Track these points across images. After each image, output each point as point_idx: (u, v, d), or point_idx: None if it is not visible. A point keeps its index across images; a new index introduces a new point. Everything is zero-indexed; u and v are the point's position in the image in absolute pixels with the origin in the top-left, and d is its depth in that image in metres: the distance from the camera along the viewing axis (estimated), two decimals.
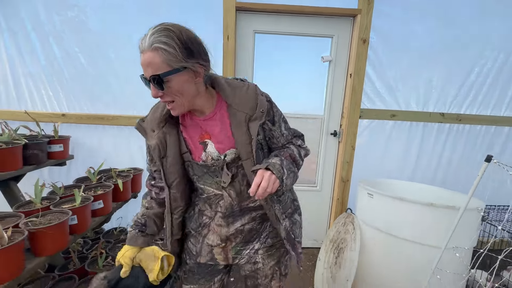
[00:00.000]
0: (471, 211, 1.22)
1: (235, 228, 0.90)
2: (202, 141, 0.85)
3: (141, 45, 0.70)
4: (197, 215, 0.96)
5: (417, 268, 1.28)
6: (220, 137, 0.84)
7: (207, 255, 0.95)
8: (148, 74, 0.69)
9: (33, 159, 1.65)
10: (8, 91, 2.02)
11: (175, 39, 0.68)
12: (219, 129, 0.84)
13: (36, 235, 1.17)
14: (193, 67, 0.72)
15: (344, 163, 2.16)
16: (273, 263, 0.98)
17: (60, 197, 1.53)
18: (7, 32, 1.94)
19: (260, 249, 0.95)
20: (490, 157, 0.95)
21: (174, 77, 0.70)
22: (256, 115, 0.80)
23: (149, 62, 0.68)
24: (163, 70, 0.68)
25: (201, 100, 0.80)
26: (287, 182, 0.80)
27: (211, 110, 0.83)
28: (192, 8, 1.96)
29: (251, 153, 0.80)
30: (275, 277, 1.00)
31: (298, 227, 0.99)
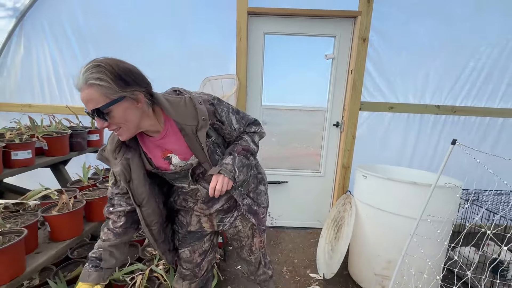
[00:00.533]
0: (443, 188, 1.44)
1: (215, 209, 1.09)
2: (165, 157, 0.95)
3: (77, 84, 0.75)
4: (181, 200, 1.10)
5: (402, 237, 1.50)
6: (180, 150, 0.94)
7: (196, 224, 1.13)
8: (90, 108, 0.75)
9: (77, 146, 1.97)
10: (51, 89, 2.35)
11: (107, 73, 0.73)
12: (175, 144, 0.94)
13: (90, 205, 1.48)
14: (132, 95, 0.78)
15: (345, 151, 2.38)
16: (250, 224, 1.18)
17: (102, 177, 1.83)
18: (50, 37, 2.25)
19: (238, 216, 1.15)
20: (455, 140, 1.16)
21: (114, 107, 0.75)
22: (200, 124, 0.88)
23: (88, 98, 0.74)
24: (102, 103, 0.73)
25: (149, 121, 0.87)
26: (240, 178, 0.96)
27: (161, 128, 0.91)
28: (208, 13, 2.20)
29: (206, 157, 0.93)
30: (256, 234, 1.22)
31: (263, 195, 1.19)
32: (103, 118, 0.77)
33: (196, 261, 1.19)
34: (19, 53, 2.29)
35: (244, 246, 1.26)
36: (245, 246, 1.26)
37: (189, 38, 2.26)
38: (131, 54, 2.27)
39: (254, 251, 1.27)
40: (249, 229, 1.20)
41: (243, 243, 1.25)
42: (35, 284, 1.54)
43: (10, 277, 1.00)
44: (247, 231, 1.21)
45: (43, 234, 1.33)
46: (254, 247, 1.26)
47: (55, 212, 1.27)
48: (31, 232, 1.14)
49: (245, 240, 1.24)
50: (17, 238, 1.02)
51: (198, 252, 1.18)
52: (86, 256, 1.80)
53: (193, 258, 1.19)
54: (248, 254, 1.28)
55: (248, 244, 1.24)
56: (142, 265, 1.65)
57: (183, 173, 0.98)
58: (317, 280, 1.89)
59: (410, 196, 1.51)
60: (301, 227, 2.67)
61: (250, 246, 1.25)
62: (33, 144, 1.60)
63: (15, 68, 2.32)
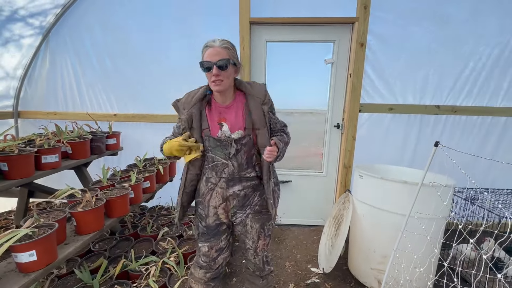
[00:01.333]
0: (435, 187, 1.51)
1: (233, 191, 1.23)
2: (220, 123, 1.18)
3: (212, 43, 1.09)
4: (204, 182, 1.27)
5: (395, 234, 1.59)
6: (234, 121, 1.18)
7: (213, 216, 1.28)
8: (215, 59, 1.06)
9: (97, 150, 2.17)
10: (73, 98, 2.58)
11: (234, 47, 1.14)
12: (234, 116, 1.18)
13: (110, 202, 1.65)
14: (237, 67, 1.15)
15: (346, 151, 2.47)
16: (258, 227, 1.29)
17: (119, 178, 2.02)
18: (72, 51, 2.48)
19: (250, 213, 1.27)
20: (437, 142, 1.24)
21: (230, 66, 1.10)
22: (265, 101, 1.18)
23: (218, 52, 1.07)
24: (226, 59, 1.08)
25: (229, 89, 1.18)
26: (280, 159, 1.20)
27: (230, 100, 1.19)
28: (213, 24, 2.36)
29: (265, 124, 1.17)
30: (261, 237, 1.33)
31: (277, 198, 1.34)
32: (222, 69, 1.07)
33: (213, 256, 1.32)
34: (45, 66, 2.54)
35: (249, 249, 1.36)
36: (250, 249, 1.35)
37: (198, 48, 2.41)
38: (144, 64, 2.48)
39: (258, 253, 1.37)
40: (256, 232, 1.30)
41: (247, 246, 1.35)
42: (63, 272, 1.75)
43: (45, 263, 1.19)
44: (254, 234, 1.30)
45: (70, 228, 1.52)
46: (258, 249, 1.35)
47: (80, 209, 1.45)
48: (61, 225, 1.33)
49: (249, 243, 1.33)
50: (50, 231, 1.20)
51: (215, 249, 1.31)
52: (106, 249, 2.00)
53: (210, 253, 1.32)
54: (253, 257, 1.38)
55: (253, 247, 1.34)
56: (155, 257, 1.83)
57: (224, 143, 1.17)
58: (317, 274, 2.00)
59: (402, 195, 1.60)
60: (304, 225, 2.78)
61: (255, 249, 1.35)
62: (60, 149, 1.80)
63: (42, 80, 2.58)
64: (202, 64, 1.10)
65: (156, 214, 2.55)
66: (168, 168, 2.37)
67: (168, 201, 2.75)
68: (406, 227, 1.42)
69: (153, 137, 2.63)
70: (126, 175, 2.06)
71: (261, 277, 1.52)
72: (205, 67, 1.09)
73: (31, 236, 1.17)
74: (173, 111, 2.55)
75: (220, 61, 1.06)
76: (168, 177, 2.40)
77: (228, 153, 1.18)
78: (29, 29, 2.31)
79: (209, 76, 1.11)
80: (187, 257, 1.89)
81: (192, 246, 2.06)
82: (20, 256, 1.12)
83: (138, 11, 2.38)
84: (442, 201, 1.58)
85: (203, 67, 1.10)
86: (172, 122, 2.55)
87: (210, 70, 1.08)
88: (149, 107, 2.56)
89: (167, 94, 2.52)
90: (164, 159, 2.46)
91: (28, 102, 2.65)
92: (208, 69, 1.09)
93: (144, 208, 2.71)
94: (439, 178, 1.84)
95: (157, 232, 2.20)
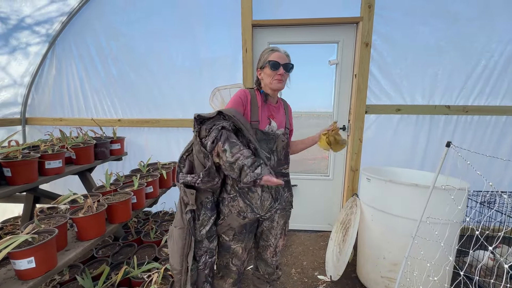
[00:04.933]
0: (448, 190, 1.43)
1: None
2: (269, 118, 1.28)
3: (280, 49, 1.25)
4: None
5: (406, 239, 1.51)
6: (279, 119, 1.31)
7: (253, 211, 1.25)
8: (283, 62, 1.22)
9: (101, 155, 2.17)
10: (79, 104, 2.61)
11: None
12: (280, 114, 1.32)
13: (111, 208, 1.64)
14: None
15: (353, 154, 2.40)
16: (282, 223, 1.34)
17: (122, 183, 2.01)
18: (78, 58, 2.51)
19: (278, 209, 1.31)
20: (449, 143, 1.17)
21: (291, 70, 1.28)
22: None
23: (284, 57, 1.23)
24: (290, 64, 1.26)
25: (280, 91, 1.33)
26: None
27: (276, 100, 1.34)
28: (216, 27, 2.35)
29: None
30: (282, 235, 1.36)
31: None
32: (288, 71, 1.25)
33: (244, 258, 1.31)
34: (51, 73, 2.58)
35: (269, 246, 1.37)
36: (271, 246, 1.37)
37: (200, 51, 2.42)
38: (148, 68, 2.49)
39: (277, 253, 1.40)
40: (280, 228, 1.35)
41: (269, 243, 1.37)
42: (65, 279, 1.73)
43: (44, 270, 1.17)
44: (278, 230, 1.35)
45: (71, 234, 1.51)
46: (278, 248, 1.38)
47: (81, 214, 1.44)
48: (61, 231, 1.31)
49: (272, 240, 1.36)
50: (50, 237, 1.19)
51: (247, 249, 1.31)
52: (109, 255, 1.98)
53: (243, 255, 1.30)
54: (271, 256, 1.40)
55: (274, 244, 1.37)
56: (158, 264, 1.79)
57: (271, 137, 1.24)
58: (324, 282, 1.93)
59: (412, 198, 1.52)
60: (311, 230, 2.70)
61: (276, 247, 1.37)
62: (63, 154, 1.80)
63: (48, 87, 2.62)
64: (271, 62, 1.21)
65: (160, 219, 2.52)
66: (172, 173, 2.35)
67: (172, 206, 2.72)
68: (417, 232, 1.35)
69: (157, 142, 2.63)
70: (129, 180, 2.04)
71: (268, 283, 1.48)
72: (272, 65, 1.21)
73: (31, 242, 1.15)
74: (177, 116, 2.58)
75: (286, 64, 1.22)
76: (172, 182, 2.37)
77: (272, 147, 1.25)
78: (36, 37, 2.35)
79: (272, 74, 1.22)
80: None
81: None
82: (19, 263, 1.10)
83: (141, 17, 2.40)
84: (456, 205, 1.49)
85: (270, 65, 1.21)
86: (174, 127, 2.55)
87: (277, 69, 1.21)
88: (151, 112, 2.56)
89: (170, 99, 2.52)
90: (167, 163, 2.45)
91: (35, 109, 2.69)
92: (275, 67, 1.21)
93: (148, 214, 2.69)
94: (451, 180, 1.76)
95: (161, 238, 2.17)
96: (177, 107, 2.53)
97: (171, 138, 2.60)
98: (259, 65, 1.28)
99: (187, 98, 2.49)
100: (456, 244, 1.55)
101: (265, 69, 1.24)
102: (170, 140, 2.61)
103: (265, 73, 1.25)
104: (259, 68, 1.28)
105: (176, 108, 2.53)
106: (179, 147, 2.61)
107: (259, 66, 1.28)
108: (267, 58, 1.24)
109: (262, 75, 1.26)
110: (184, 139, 2.58)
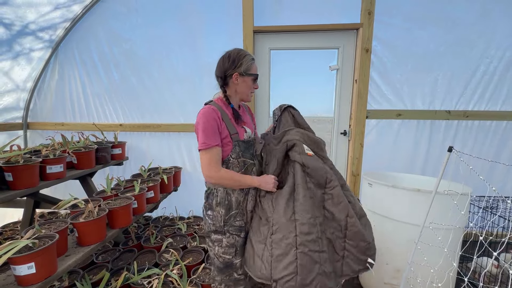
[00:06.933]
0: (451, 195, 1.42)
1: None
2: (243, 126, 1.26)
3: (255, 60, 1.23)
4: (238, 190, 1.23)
5: (409, 245, 1.50)
6: (248, 122, 1.31)
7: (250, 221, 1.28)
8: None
9: (102, 159, 2.17)
10: (81, 109, 2.62)
11: None
12: (247, 118, 1.32)
13: (112, 213, 1.63)
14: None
15: (354, 159, 2.40)
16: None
17: (123, 188, 2.00)
18: (80, 63, 2.53)
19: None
20: (451, 148, 1.17)
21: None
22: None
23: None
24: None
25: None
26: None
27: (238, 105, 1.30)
28: (217, 33, 2.38)
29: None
30: None
31: None
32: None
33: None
34: (54, 78, 2.60)
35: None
36: None
37: (201, 57, 2.44)
38: (149, 73, 2.50)
39: None
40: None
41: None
42: (65, 285, 1.71)
43: (44, 276, 1.16)
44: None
45: (72, 240, 1.50)
46: None
47: (82, 220, 1.43)
48: (62, 237, 1.30)
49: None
50: (50, 242, 1.18)
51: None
52: (109, 261, 1.96)
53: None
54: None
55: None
56: (158, 270, 1.77)
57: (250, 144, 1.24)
58: None
59: (415, 204, 1.52)
60: None
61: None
62: (65, 159, 1.80)
63: (51, 92, 2.63)
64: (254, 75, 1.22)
65: (160, 224, 2.51)
66: (173, 178, 2.35)
67: (172, 211, 2.71)
68: (420, 238, 1.34)
69: (158, 146, 2.63)
70: (130, 185, 2.04)
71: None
72: (255, 79, 1.23)
73: (32, 247, 1.14)
74: (178, 120, 2.58)
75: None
76: (173, 187, 2.37)
77: (253, 152, 1.27)
78: (39, 43, 2.38)
79: (251, 87, 1.24)
80: (191, 270, 1.83)
81: (196, 258, 2.00)
82: (19, 268, 1.09)
83: (143, 23, 2.43)
84: (459, 210, 1.49)
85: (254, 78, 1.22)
86: (176, 131, 2.56)
87: (255, 83, 1.24)
88: (153, 116, 2.57)
89: (171, 104, 2.53)
90: (168, 168, 2.44)
91: (38, 114, 2.70)
92: (255, 81, 1.24)
93: (149, 219, 2.68)
94: (453, 185, 1.75)
95: (161, 243, 2.16)
96: (179, 112, 2.53)
97: (172, 143, 2.60)
98: (239, 69, 1.17)
99: (188, 103, 2.50)
100: (460, 250, 1.54)
101: (246, 78, 1.19)
102: (172, 145, 2.61)
103: (245, 82, 1.20)
104: (239, 73, 1.17)
105: (177, 113, 2.54)
106: (180, 152, 2.61)
107: (239, 70, 1.17)
108: (250, 69, 1.19)
109: (240, 82, 1.19)
110: (186, 144, 2.58)
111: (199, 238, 2.24)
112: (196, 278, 1.76)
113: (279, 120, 1.33)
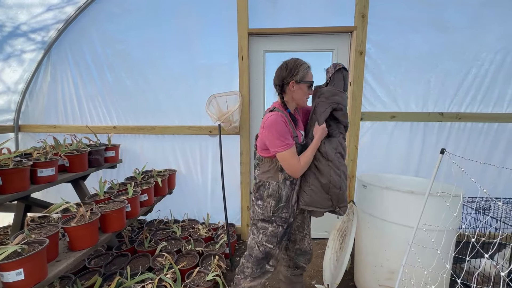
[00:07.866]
0: (443, 197, 1.43)
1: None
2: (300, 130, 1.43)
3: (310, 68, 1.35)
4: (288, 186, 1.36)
5: (403, 247, 1.51)
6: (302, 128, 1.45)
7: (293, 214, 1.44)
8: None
9: (95, 162, 2.14)
10: (74, 111, 2.59)
11: None
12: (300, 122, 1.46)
13: (105, 217, 1.60)
14: None
15: (349, 161, 2.40)
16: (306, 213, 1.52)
17: (116, 191, 1.98)
18: (73, 65, 2.50)
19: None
20: (444, 150, 1.18)
21: None
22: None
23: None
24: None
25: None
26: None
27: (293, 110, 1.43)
28: (212, 35, 2.37)
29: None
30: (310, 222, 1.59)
31: None
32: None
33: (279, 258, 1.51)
34: (46, 80, 2.56)
35: (306, 234, 1.55)
36: (308, 234, 1.55)
37: (196, 59, 2.43)
38: (144, 75, 2.48)
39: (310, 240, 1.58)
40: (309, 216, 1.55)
41: (305, 232, 1.54)
42: None
43: (34, 282, 1.13)
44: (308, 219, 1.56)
45: (63, 244, 1.47)
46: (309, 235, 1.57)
47: (73, 224, 1.41)
48: (52, 242, 1.28)
49: (307, 229, 1.55)
50: (40, 247, 1.15)
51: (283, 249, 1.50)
52: (102, 265, 1.93)
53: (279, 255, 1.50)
54: (308, 243, 1.57)
55: (309, 232, 1.57)
56: (152, 274, 1.75)
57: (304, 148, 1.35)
58: None
59: (408, 205, 1.52)
60: None
61: (310, 233, 1.57)
62: (56, 162, 1.77)
63: (43, 93, 2.60)
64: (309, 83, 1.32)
65: (154, 228, 2.48)
66: (167, 181, 2.33)
67: (167, 214, 2.68)
68: (414, 239, 1.34)
69: (152, 149, 2.61)
70: (123, 188, 2.02)
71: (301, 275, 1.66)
72: (310, 85, 1.34)
73: (21, 253, 1.12)
74: (173, 122, 2.56)
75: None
76: (167, 190, 2.35)
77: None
78: (31, 44, 2.35)
79: (307, 93, 1.34)
80: (185, 274, 1.81)
81: (191, 262, 1.98)
82: (7, 275, 1.07)
83: (137, 25, 2.41)
84: (451, 212, 1.50)
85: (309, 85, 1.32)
86: (170, 134, 2.54)
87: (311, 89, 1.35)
88: (147, 119, 2.55)
89: (165, 106, 2.51)
90: (163, 171, 2.42)
91: (29, 116, 2.66)
92: (311, 88, 1.35)
93: (143, 222, 2.64)
94: (446, 187, 1.76)
95: (155, 247, 2.13)
96: (173, 114, 2.52)
97: (167, 145, 2.58)
98: (295, 77, 1.28)
99: (183, 105, 2.48)
100: (453, 251, 1.54)
101: (301, 85, 1.30)
102: (166, 147, 2.59)
103: (301, 89, 1.31)
104: (296, 81, 1.28)
105: (172, 115, 2.52)
106: (175, 155, 2.59)
107: (295, 78, 1.28)
108: (306, 76, 1.30)
109: (296, 89, 1.31)
110: (180, 146, 2.56)
111: (193, 241, 2.22)
112: (190, 282, 1.74)
113: (332, 77, 1.41)
